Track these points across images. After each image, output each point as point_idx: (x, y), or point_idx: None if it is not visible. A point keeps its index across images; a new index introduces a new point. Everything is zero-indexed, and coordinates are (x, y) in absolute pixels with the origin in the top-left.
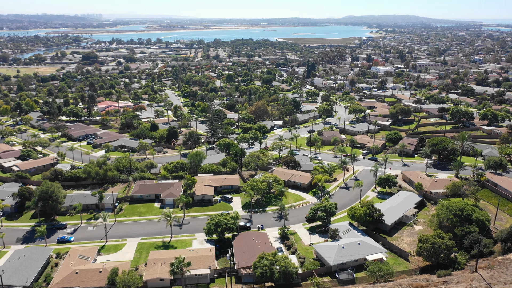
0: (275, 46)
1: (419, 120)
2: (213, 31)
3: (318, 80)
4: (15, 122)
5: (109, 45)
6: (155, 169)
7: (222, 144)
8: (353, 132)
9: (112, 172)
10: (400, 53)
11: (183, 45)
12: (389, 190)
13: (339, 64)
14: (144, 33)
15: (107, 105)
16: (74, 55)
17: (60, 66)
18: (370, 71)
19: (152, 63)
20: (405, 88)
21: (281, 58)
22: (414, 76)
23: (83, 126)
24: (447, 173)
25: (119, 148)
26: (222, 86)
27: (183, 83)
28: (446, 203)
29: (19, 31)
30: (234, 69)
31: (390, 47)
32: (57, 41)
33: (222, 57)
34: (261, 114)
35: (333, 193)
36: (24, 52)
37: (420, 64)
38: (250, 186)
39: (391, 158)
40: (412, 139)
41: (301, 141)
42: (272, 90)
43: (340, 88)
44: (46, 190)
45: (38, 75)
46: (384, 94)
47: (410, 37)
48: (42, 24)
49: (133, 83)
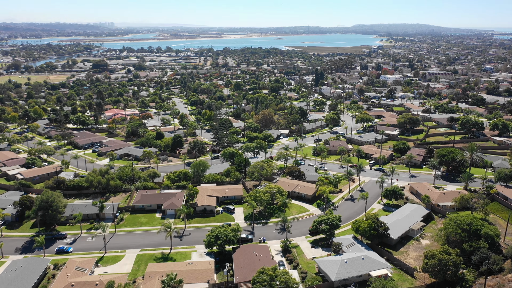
0: (284, 54)
1: (428, 130)
2: (223, 40)
3: (326, 88)
4: (23, 129)
5: (119, 53)
6: (158, 178)
7: (227, 153)
8: (360, 142)
9: (115, 181)
10: (410, 62)
11: (192, 54)
12: (396, 202)
13: (348, 72)
14: (155, 41)
15: (114, 113)
16: (84, 63)
17: (71, 74)
18: (379, 79)
19: (161, 71)
20: (414, 97)
21: (289, 67)
22: (423, 85)
23: (89, 134)
24: (456, 185)
25: (123, 156)
26: (230, 95)
27: (191, 91)
28: (454, 217)
29: (32, 39)
30: (242, 77)
31: (399, 55)
32: (69, 49)
33: (231, 65)
34: (267, 123)
35: (338, 204)
36: (36, 60)
37: (430, 72)
38: (252, 197)
39: (398, 169)
40: (420, 150)
41: (307, 151)
42: (280, 99)
43: (348, 97)
44: (46, 200)
45: (48, 83)
46: (393, 103)
47: (420, 45)
48: (55, 33)
49: (141, 91)
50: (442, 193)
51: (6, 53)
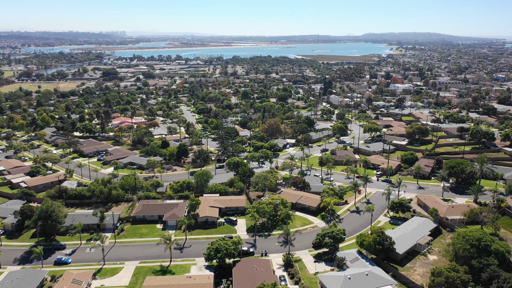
0: (293, 63)
1: (437, 140)
2: (232, 48)
3: (334, 97)
4: (30, 137)
5: (129, 62)
6: (161, 188)
7: (231, 162)
8: (367, 152)
9: (117, 190)
10: (420, 71)
11: (202, 62)
12: (403, 215)
13: (357, 81)
14: (165, 50)
15: (121, 121)
16: (95, 71)
17: (81, 82)
18: (388, 88)
19: (171, 79)
20: (424, 107)
21: (298, 75)
22: (433, 94)
23: (95, 142)
24: (465, 198)
25: (128, 165)
26: (238, 103)
27: (199, 100)
28: (462, 232)
29: (45, 48)
30: (251, 85)
31: (409, 64)
32: (80, 57)
33: (240, 73)
34: (274, 132)
35: (343, 217)
36: (48, 68)
37: (440, 81)
38: (255, 208)
39: (406, 180)
40: (429, 161)
41: (313, 161)
42: (287, 108)
43: (356, 105)
44: (46, 209)
45: (58, 91)
46: (402, 113)
47: (431, 54)
48: (68, 41)
49: (149, 99)
50: (451, 206)
51: (19, 61)
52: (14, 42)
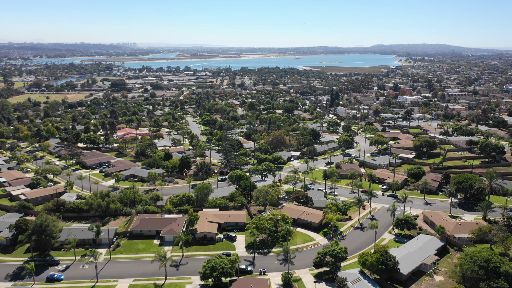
0: (301, 74)
1: (445, 153)
2: (241, 59)
3: (341, 109)
4: (34, 148)
5: (138, 73)
6: (161, 202)
7: (233, 176)
8: (373, 165)
9: (115, 204)
10: (429, 82)
11: (210, 73)
12: (408, 232)
13: (365, 93)
14: (174, 61)
15: (126, 133)
16: (104, 82)
17: (89, 93)
18: (396, 100)
19: (178, 90)
20: (432, 119)
21: (305, 87)
22: (442, 106)
23: (98, 154)
24: (474, 214)
25: (129, 177)
26: (243, 115)
27: (205, 111)
28: (470, 252)
29: (56, 59)
30: (258, 97)
31: (418, 75)
32: (90, 68)
33: (248, 85)
34: (279, 144)
35: (346, 233)
36: (58, 79)
37: (449, 93)
38: (255, 224)
39: (413, 196)
40: (436, 175)
41: (317, 174)
42: (293, 119)
43: (363, 117)
44: (40, 224)
45: (66, 101)
46: (409, 125)
47: (440, 65)
48: (79, 53)
49: (156, 110)
50: (459, 223)
51: (30, 72)
52: (27, 53)
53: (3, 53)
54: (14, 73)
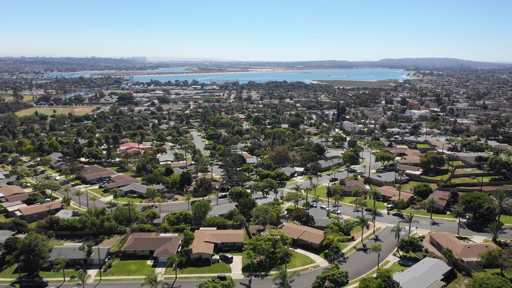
0: (308, 88)
1: (454, 170)
2: (249, 73)
3: (347, 123)
4: (36, 162)
5: (146, 87)
6: (158, 219)
7: (234, 192)
8: (378, 182)
9: (110, 222)
10: (437, 96)
11: (217, 87)
12: (413, 254)
13: (372, 107)
14: (183, 75)
15: (129, 147)
16: (112, 95)
17: (96, 107)
18: (404, 114)
19: (185, 104)
20: (440, 134)
21: (312, 101)
22: (450, 121)
23: (99, 169)
24: (484, 236)
25: (128, 193)
26: (249, 129)
27: (210, 125)
28: (479, 279)
29: (67, 73)
30: (264, 111)
31: (426, 89)
32: (99, 82)
33: (254, 98)
34: (282, 160)
35: (348, 255)
36: (67, 92)
37: (458, 107)
38: (252, 245)
39: (419, 215)
40: (444, 193)
41: (320, 191)
42: (298, 134)
43: (369, 132)
44: (29, 243)
45: (72, 115)
46: (417, 140)
47: (449, 79)
48: (89, 67)
49: (161, 124)
50: (467, 246)
51: (40, 85)
52: (38, 67)
53: (16, 67)
54: (24, 87)
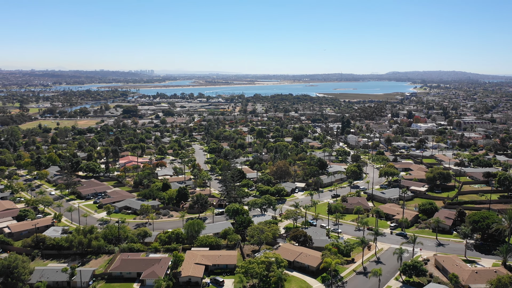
0: (314, 101)
1: (460, 186)
2: (255, 86)
3: (351, 137)
4: (33, 176)
5: (152, 99)
6: (149, 238)
7: (231, 209)
8: (382, 198)
9: (98, 241)
10: (444, 110)
11: (223, 100)
12: (417, 279)
13: (378, 120)
14: (189, 88)
15: (128, 161)
16: (117, 108)
17: (100, 119)
18: (410, 128)
19: (189, 117)
20: (447, 148)
21: (317, 114)
22: (457, 135)
23: (95, 183)
24: (493, 259)
25: (123, 209)
26: (251, 142)
27: (212, 138)
28: None
29: (74, 86)
30: (268, 124)
31: (433, 103)
32: (106, 95)
33: (259, 111)
34: (283, 175)
35: (347, 279)
36: (74, 105)
37: (465, 121)
38: (244, 268)
39: (424, 235)
40: (450, 212)
41: (321, 208)
42: (300, 148)
43: (374, 146)
44: (8, 265)
45: (76, 128)
46: (422, 155)
47: (456, 92)
48: (97, 79)
49: (164, 137)
50: (474, 271)
51: (46, 98)
52: (47, 80)
53: (25, 80)
54: (31, 99)
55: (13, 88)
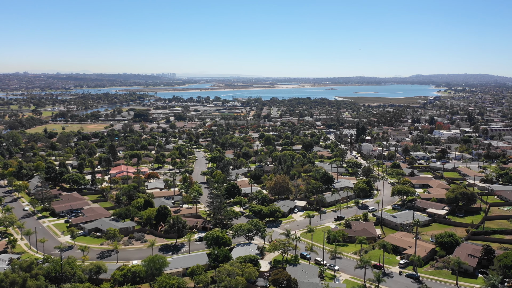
0: (332, 105)
1: (487, 209)
2: (275, 90)
3: (366, 146)
4: (16, 187)
5: (167, 103)
6: (105, 274)
7: (210, 237)
8: (393, 224)
9: (37, 280)
10: (469, 115)
11: (239, 103)
12: None
13: (397, 126)
14: (208, 91)
15: (119, 171)
16: (129, 112)
17: (110, 123)
18: (431, 136)
19: (201, 121)
20: (472, 159)
21: (333, 119)
22: (484, 144)
23: (74, 198)
24: None
25: (92, 232)
26: (258, 150)
27: (218, 145)
28: None
29: (95, 89)
30: (280, 129)
31: (458, 107)
32: (122, 98)
33: (274, 116)
34: (282, 191)
35: None
36: (89, 108)
37: (493, 128)
38: None
39: (441, 277)
40: (475, 247)
41: (319, 236)
42: (307, 159)
43: (390, 157)
44: None
45: (81, 132)
46: (443, 167)
47: (482, 96)
48: (119, 83)
49: (169, 143)
50: None
51: (63, 101)
52: (69, 83)
53: (48, 83)
54: (48, 103)
55: (33, 91)
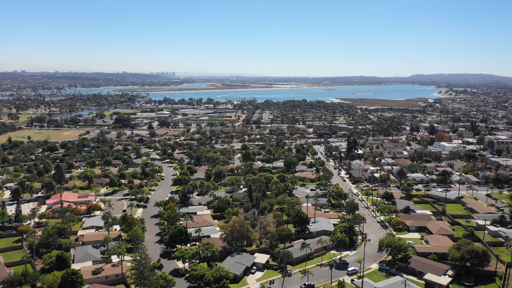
0: (328, 108)
1: (506, 275)
2: (272, 90)
3: (356, 164)
4: None
5: (157, 105)
6: None
7: None
8: None
9: None
10: (472, 123)
11: (232, 106)
12: None
13: (395, 135)
14: (204, 91)
15: (57, 200)
16: (112, 116)
17: (86, 130)
18: (431, 150)
19: (185, 127)
20: (479, 183)
21: (326, 126)
22: (491, 161)
23: None
24: None
25: None
26: (233, 168)
27: (193, 159)
28: None
29: (88, 89)
30: (266, 140)
31: (460, 111)
32: (112, 99)
33: (265, 121)
34: (240, 239)
35: None
36: (73, 111)
37: (499, 139)
38: None
39: None
40: None
41: None
42: (283, 186)
43: (383, 180)
44: None
45: (48, 142)
46: (446, 196)
47: (485, 99)
48: (115, 82)
49: (141, 157)
50: None
51: (48, 103)
52: (65, 83)
53: (43, 82)
54: (33, 105)
55: (26, 91)
